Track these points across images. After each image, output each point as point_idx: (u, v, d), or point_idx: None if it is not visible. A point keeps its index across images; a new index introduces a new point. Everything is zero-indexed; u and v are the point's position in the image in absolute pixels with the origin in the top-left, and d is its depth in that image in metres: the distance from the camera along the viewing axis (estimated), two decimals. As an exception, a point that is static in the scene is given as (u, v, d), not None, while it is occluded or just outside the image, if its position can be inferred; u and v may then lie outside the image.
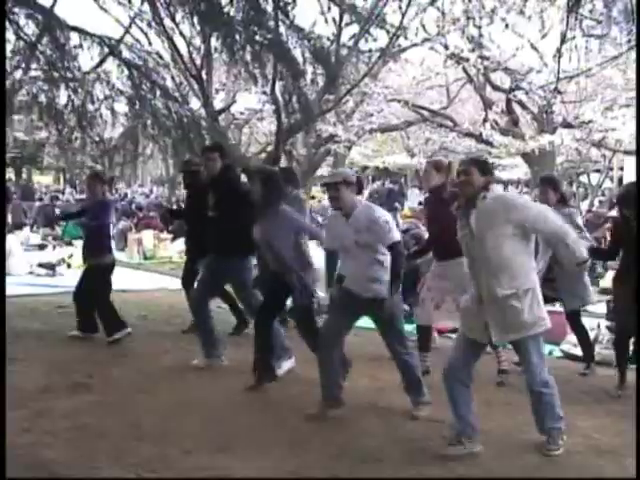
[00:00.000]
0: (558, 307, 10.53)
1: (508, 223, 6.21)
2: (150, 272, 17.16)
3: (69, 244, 22.10)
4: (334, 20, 17.47)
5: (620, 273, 8.85)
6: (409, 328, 9.92)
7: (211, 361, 9.21)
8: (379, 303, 7.23)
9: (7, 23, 12.15)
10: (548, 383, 6.54)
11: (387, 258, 7.25)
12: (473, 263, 6.52)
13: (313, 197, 31.80)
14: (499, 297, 6.31)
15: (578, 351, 9.94)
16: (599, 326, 10.47)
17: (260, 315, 8.48)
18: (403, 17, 16.66)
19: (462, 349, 6.70)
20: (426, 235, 10.64)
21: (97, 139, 15.02)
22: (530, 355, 6.47)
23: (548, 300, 7.91)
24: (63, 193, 41.20)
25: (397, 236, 7.26)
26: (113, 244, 11.55)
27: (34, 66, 13.58)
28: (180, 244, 18.02)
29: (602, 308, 11.33)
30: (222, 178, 9.44)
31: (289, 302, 8.55)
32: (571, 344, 10.04)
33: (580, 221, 9.39)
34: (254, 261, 9.74)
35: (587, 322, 9.88)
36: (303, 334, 8.42)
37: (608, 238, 11.94)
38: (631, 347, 9.22)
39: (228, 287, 10.08)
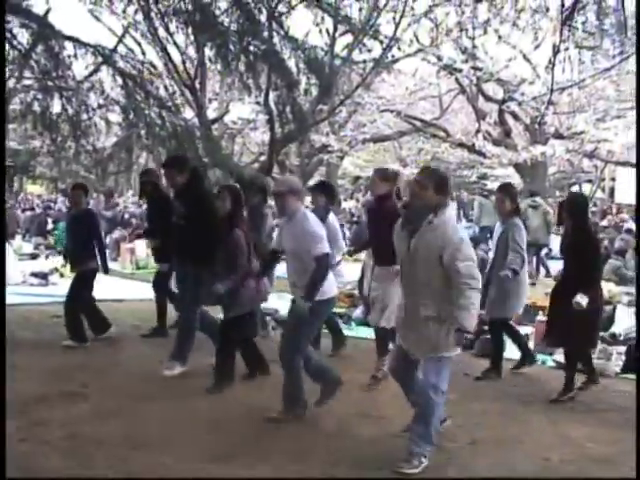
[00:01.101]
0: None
1: (440, 254, 6.21)
2: (143, 282, 17.10)
3: (61, 253, 22.08)
4: (327, 31, 17.54)
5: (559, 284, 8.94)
6: (366, 333, 10.02)
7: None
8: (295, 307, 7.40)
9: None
10: (438, 393, 6.38)
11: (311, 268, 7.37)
12: (404, 275, 6.57)
13: (307, 207, 31.79)
14: (421, 316, 6.36)
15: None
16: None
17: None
18: (397, 28, 16.75)
19: (397, 358, 6.81)
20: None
21: (90, 148, 15.00)
22: (430, 373, 6.42)
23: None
24: (55, 202, 41.09)
25: (325, 248, 7.33)
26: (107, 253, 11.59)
27: (28, 75, 13.58)
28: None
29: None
30: (187, 188, 9.48)
31: None
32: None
33: (522, 233, 9.42)
34: None
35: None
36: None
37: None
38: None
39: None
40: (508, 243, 9.25)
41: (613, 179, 35.20)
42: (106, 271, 11.01)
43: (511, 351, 10.07)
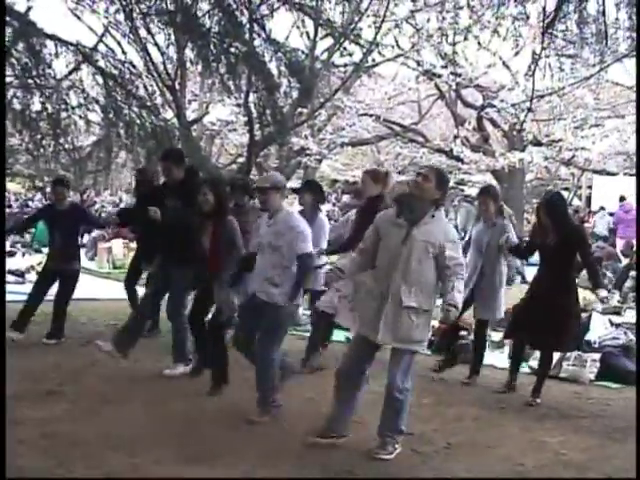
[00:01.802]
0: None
1: (439, 248, 6.41)
2: (119, 281, 17.02)
3: (38, 251, 21.99)
4: (308, 34, 17.58)
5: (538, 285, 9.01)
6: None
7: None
8: (272, 308, 7.40)
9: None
10: (403, 392, 6.58)
11: (292, 265, 7.41)
12: (390, 263, 6.59)
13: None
14: (402, 305, 6.46)
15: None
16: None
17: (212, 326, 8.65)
18: (377, 32, 16.79)
19: (355, 349, 6.91)
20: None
21: (70, 147, 14.94)
22: (399, 365, 6.55)
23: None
24: (33, 200, 40.90)
25: (308, 248, 7.41)
26: (82, 252, 11.58)
27: (8, 72, 13.51)
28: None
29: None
30: (184, 184, 9.49)
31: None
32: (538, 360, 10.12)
33: (513, 232, 9.51)
34: None
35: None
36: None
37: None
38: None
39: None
40: (499, 245, 9.30)
41: (590, 187, 35.35)
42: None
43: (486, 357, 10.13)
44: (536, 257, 9.87)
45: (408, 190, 6.86)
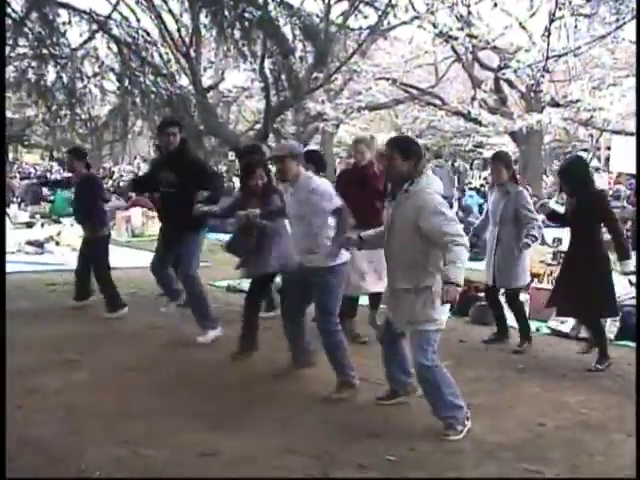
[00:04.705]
0: (545, 285, 10.70)
1: (417, 222, 6.21)
2: (139, 250, 17.09)
3: (57, 222, 22.09)
4: (323, -3, 17.49)
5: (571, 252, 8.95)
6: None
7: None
8: (318, 272, 7.32)
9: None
10: (431, 369, 6.39)
11: (323, 229, 7.34)
12: (386, 248, 6.58)
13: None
14: (397, 288, 6.44)
15: (565, 328, 10.04)
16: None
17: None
18: (393, -6, 16.70)
19: (386, 331, 6.88)
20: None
21: (86, 117, 14.96)
22: (415, 347, 6.44)
23: None
24: (51, 172, 41.04)
25: (338, 202, 7.31)
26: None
27: (22, 43, 13.50)
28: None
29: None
30: (180, 153, 9.50)
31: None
32: (558, 321, 10.10)
33: (529, 199, 9.45)
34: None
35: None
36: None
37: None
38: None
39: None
40: (515, 212, 9.25)
41: (608, 148, 35.09)
42: None
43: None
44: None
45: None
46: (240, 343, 8.58)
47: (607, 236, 8.69)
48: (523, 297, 10.46)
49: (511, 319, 9.78)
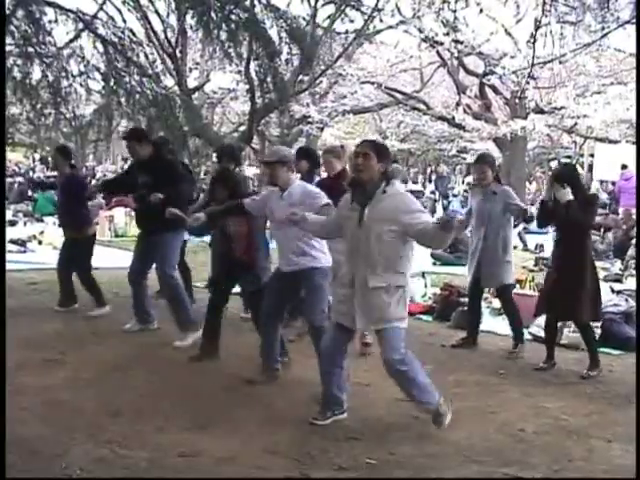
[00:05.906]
0: (527, 291, 10.75)
1: (397, 223, 6.24)
2: (121, 249, 17.08)
3: (40, 220, 22.05)
4: (309, 1, 17.51)
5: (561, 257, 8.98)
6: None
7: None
8: (307, 274, 7.46)
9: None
10: (403, 362, 6.42)
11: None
12: (352, 249, 6.54)
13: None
14: (369, 287, 6.38)
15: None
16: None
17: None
18: (379, -1, 16.74)
19: (333, 336, 6.77)
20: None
21: (71, 116, 14.91)
22: (386, 343, 6.43)
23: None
24: (34, 170, 40.95)
25: (326, 199, 7.38)
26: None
27: (8, 40, 13.45)
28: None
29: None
30: (154, 157, 9.59)
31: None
32: (540, 327, 10.13)
33: (515, 196, 9.53)
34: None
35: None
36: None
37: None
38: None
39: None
40: (504, 208, 9.29)
41: (592, 155, 35.28)
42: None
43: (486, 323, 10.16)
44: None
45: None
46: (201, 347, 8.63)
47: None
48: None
49: (493, 324, 9.82)
